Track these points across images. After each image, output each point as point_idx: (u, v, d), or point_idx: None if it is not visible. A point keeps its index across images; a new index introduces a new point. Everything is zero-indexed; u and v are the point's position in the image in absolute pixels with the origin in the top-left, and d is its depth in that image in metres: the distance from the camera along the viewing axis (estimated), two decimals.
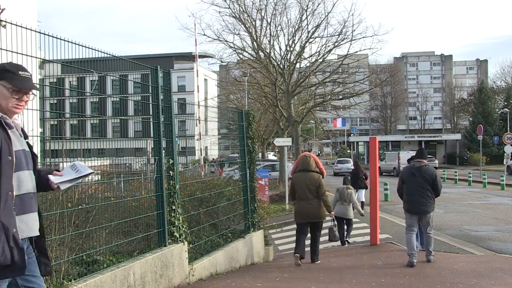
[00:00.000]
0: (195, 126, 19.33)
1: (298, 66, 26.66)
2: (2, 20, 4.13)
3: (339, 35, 24.26)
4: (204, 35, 25.12)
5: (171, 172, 6.39)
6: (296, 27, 24.82)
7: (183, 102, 39.45)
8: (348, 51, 24.69)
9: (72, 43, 4.67)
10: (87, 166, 3.30)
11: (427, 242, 8.37)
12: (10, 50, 3.98)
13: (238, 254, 8.68)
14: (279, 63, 25.59)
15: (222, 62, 27.50)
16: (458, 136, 57.02)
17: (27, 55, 4.14)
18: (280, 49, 25.99)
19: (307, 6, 24.29)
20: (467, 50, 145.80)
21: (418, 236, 8.96)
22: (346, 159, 48.06)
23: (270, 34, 25.08)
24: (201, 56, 29.01)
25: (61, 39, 4.54)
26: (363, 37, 24.50)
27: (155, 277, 5.67)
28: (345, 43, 24.48)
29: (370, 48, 24.50)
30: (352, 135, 76.57)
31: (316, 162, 8.84)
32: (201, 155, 17.46)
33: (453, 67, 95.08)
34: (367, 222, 12.56)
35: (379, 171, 21.55)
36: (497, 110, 56.90)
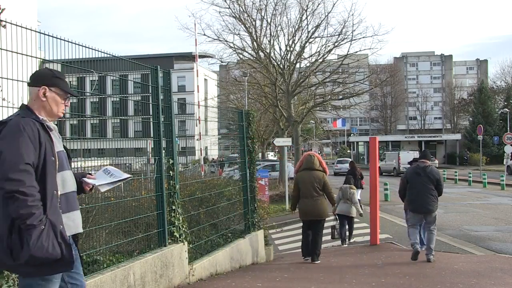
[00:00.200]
0: (195, 126, 19.31)
1: (298, 66, 26.64)
2: (2, 20, 4.13)
3: (339, 35, 24.27)
4: (204, 35, 25.14)
5: (171, 172, 6.39)
6: (296, 27, 24.83)
7: (183, 102, 39.40)
8: (348, 51, 24.68)
9: (72, 43, 4.67)
10: (120, 170, 3.43)
11: (429, 239, 8.46)
12: (10, 50, 3.98)
13: (238, 254, 8.68)
14: (279, 63, 25.57)
15: (222, 62, 27.49)
16: (458, 136, 57.01)
17: (27, 55, 4.14)
18: (280, 49, 26.02)
19: (307, 6, 24.30)
20: (467, 50, 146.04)
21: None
22: (346, 159, 48.04)
23: (270, 34, 25.09)
24: (201, 56, 29.00)
25: (61, 39, 4.54)
26: (363, 37, 24.53)
27: (155, 277, 5.67)
28: (345, 43, 24.49)
29: (370, 48, 24.51)
30: (352, 135, 76.55)
31: (320, 161, 9.07)
32: (201, 155, 17.45)
33: (453, 67, 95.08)
34: (367, 222, 12.57)
35: (379, 171, 21.56)
36: (497, 110, 56.88)
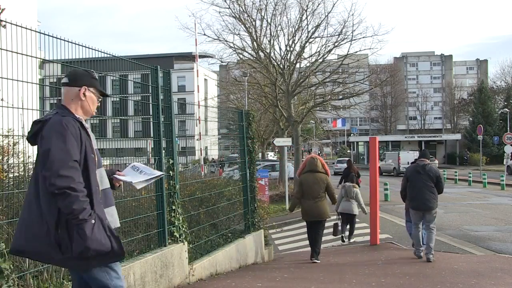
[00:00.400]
0: (195, 126, 19.31)
1: (298, 66, 26.59)
2: (2, 20, 4.13)
3: (339, 35, 24.20)
4: (204, 34, 25.08)
5: (171, 172, 6.39)
6: (296, 27, 24.78)
7: (183, 102, 39.41)
8: (348, 51, 24.60)
9: (72, 43, 4.67)
10: (150, 167, 3.51)
11: (428, 237, 8.55)
12: (10, 50, 3.98)
13: (238, 254, 8.68)
14: (279, 63, 25.55)
15: (222, 62, 27.44)
16: (458, 136, 57.01)
17: (27, 55, 4.14)
18: (280, 49, 25.97)
19: (307, 6, 24.24)
20: (467, 50, 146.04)
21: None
22: (346, 159, 48.06)
23: (270, 34, 25.04)
24: (201, 56, 28.98)
25: (61, 39, 4.54)
26: (363, 37, 24.42)
27: (155, 277, 5.67)
28: (345, 43, 24.40)
29: (370, 48, 24.39)
30: (352, 135, 76.53)
31: (322, 163, 9.45)
32: (201, 155, 17.44)
33: (453, 67, 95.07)
34: (367, 222, 12.57)
35: (379, 171, 21.58)
36: (497, 110, 56.87)
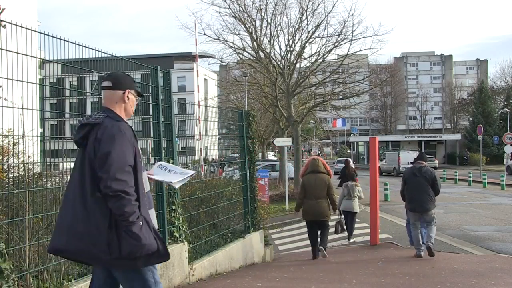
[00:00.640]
0: (195, 126, 19.31)
1: (298, 66, 26.60)
2: (2, 20, 4.13)
3: (339, 35, 24.20)
4: (204, 34, 25.08)
5: None
6: (296, 27, 24.77)
7: (183, 102, 39.43)
8: (348, 51, 24.59)
9: (72, 43, 4.67)
10: (178, 166, 3.53)
11: (429, 229, 8.76)
12: (10, 50, 3.98)
13: (238, 254, 8.68)
14: (279, 63, 25.54)
15: (222, 62, 27.45)
16: (458, 136, 57.00)
17: (27, 55, 4.14)
18: (280, 49, 25.96)
19: (307, 6, 24.24)
20: (467, 50, 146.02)
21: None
22: (346, 159, 48.12)
23: (270, 34, 25.04)
24: (201, 56, 28.95)
25: (61, 39, 4.54)
26: (363, 37, 24.40)
27: None
28: (345, 43, 24.39)
29: (370, 48, 24.38)
30: (352, 135, 76.50)
31: (324, 164, 9.59)
32: (201, 155, 17.44)
33: (453, 67, 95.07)
34: (367, 222, 12.57)
35: (379, 171, 21.55)
36: (497, 110, 56.84)
